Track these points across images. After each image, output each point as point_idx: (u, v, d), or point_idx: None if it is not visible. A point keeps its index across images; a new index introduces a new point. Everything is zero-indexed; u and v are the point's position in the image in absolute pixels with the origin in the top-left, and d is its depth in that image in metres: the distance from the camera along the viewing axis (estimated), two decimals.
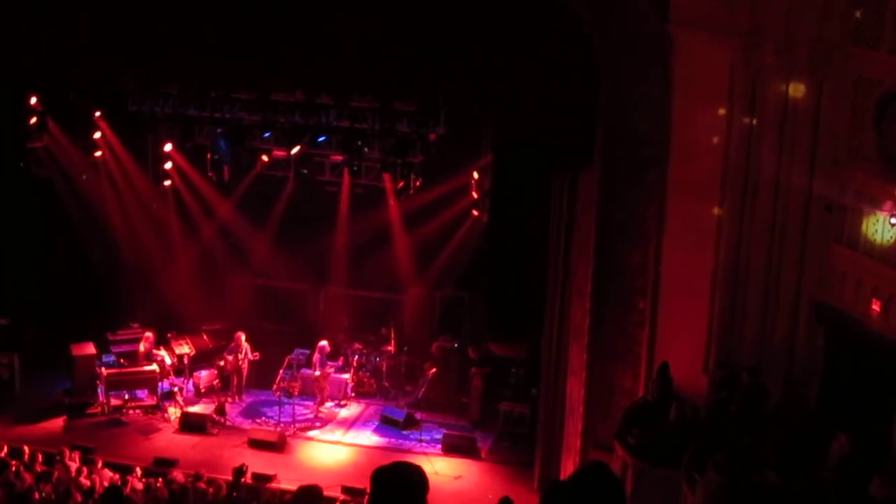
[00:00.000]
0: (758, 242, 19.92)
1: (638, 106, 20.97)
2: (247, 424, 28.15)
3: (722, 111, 19.81)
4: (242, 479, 22.91)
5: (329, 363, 29.36)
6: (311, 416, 28.81)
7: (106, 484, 20.62)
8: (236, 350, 29.33)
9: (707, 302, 20.63)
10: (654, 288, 21.57)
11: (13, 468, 21.56)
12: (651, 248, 21.45)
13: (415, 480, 6.34)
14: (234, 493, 21.21)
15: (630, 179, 21.58)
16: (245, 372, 29.70)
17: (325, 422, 28.57)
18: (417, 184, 29.31)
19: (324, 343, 29.17)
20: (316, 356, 29.03)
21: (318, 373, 28.95)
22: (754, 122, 19.51)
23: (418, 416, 28.29)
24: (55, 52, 25.83)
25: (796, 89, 18.94)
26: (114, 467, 23.22)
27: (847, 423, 16.23)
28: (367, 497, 6.31)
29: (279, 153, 30.36)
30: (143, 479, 22.30)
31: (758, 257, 19.98)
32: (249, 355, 29.51)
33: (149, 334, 29.38)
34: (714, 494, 15.42)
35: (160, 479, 22.21)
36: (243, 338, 29.40)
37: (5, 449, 23.59)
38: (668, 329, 21.54)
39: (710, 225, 20.39)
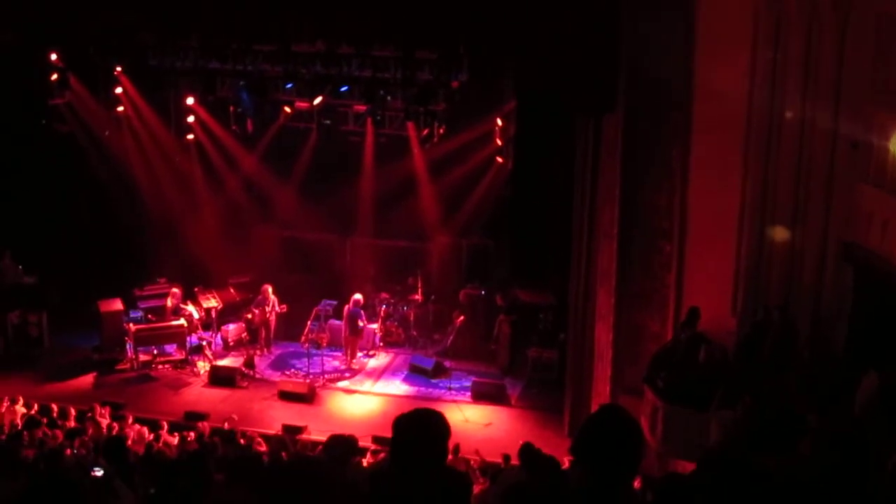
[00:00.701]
0: (784, 183, 19.83)
1: (661, 48, 20.83)
2: (276, 376, 28.19)
3: (745, 51, 19.66)
4: (275, 433, 23.10)
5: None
6: (342, 367, 28.85)
7: (135, 438, 20.67)
8: (263, 303, 29.34)
9: (734, 243, 20.56)
10: (680, 230, 21.50)
11: (44, 424, 21.67)
12: (676, 190, 21.37)
13: (436, 426, 6.31)
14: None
15: (654, 121, 21.47)
16: (273, 324, 29.72)
17: (354, 372, 28.59)
18: (441, 132, 29.16)
19: (358, 296, 29.08)
20: (354, 310, 28.90)
21: (362, 323, 28.87)
22: (778, 61, 19.36)
23: (447, 364, 28.31)
24: (74, 7, 25.72)
25: (819, 27, 18.77)
26: (144, 422, 23.29)
27: (875, 363, 16.14)
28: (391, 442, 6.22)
29: (301, 104, 30.25)
30: (175, 433, 22.37)
31: (784, 198, 19.88)
32: (277, 308, 29.50)
33: (175, 289, 29.44)
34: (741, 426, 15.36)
35: (191, 433, 22.29)
36: (270, 290, 29.38)
37: (35, 407, 23.68)
38: (695, 271, 21.50)
39: (735, 166, 20.32)
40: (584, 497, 5.92)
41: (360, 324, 28.72)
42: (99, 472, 11.03)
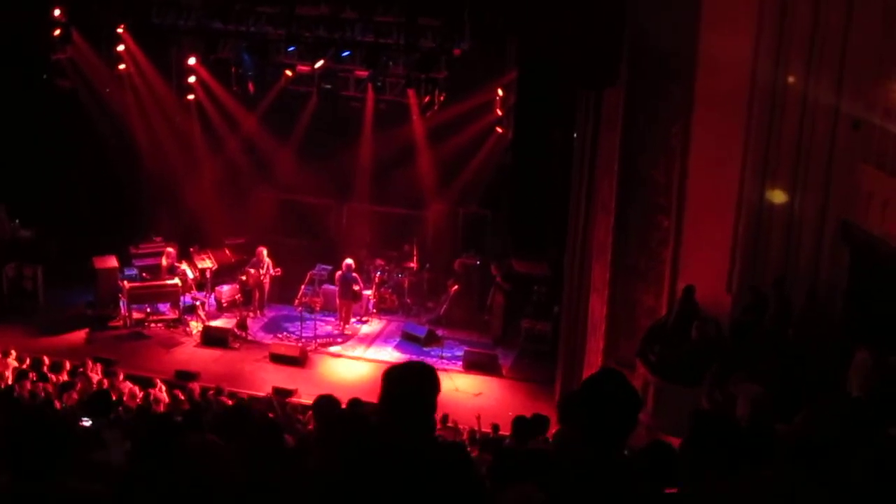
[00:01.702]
0: (784, 160, 19.81)
1: (665, 20, 20.77)
2: (268, 339, 28.20)
3: (750, 24, 19.60)
4: (265, 394, 23.12)
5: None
6: (334, 332, 28.85)
7: (125, 396, 20.65)
8: (258, 265, 29.32)
9: (732, 220, 20.56)
10: (678, 205, 21.49)
11: (33, 379, 21.69)
12: (676, 165, 21.35)
13: (425, 379, 6.27)
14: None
15: (655, 95, 21.43)
16: (267, 287, 29.72)
17: (346, 337, 28.59)
18: (441, 99, 29.11)
19: (349, 261, 29.03)
20: (349, 274, 28.87)
21: (357, 287, 28.87)
22: (783, 35, 19.31)
23: (440, 332, 28.27)
24: None
25: (826, 4, 18.72)
26: (135, 379, 23.31)
27: (871, 341, 16.16)
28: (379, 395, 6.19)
29: (303, 68, 30.15)
30: (167, 391, 22.40)
31: (784, 175, 19.86)
32: (271, 270, 29.52)
33: (171, 248, 29.44)
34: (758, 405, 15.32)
35: (179, 392, 22.30)
36: (265, 252, 29.37)
37: (28, 360, 23.70)
38: (691, 247, 21.50)
39: (736, 142, 20.28)
40: (574, 461, 5.91)
41: (356, 287, 28.71)
42: (87, 422, 11.03)
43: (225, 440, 6.76)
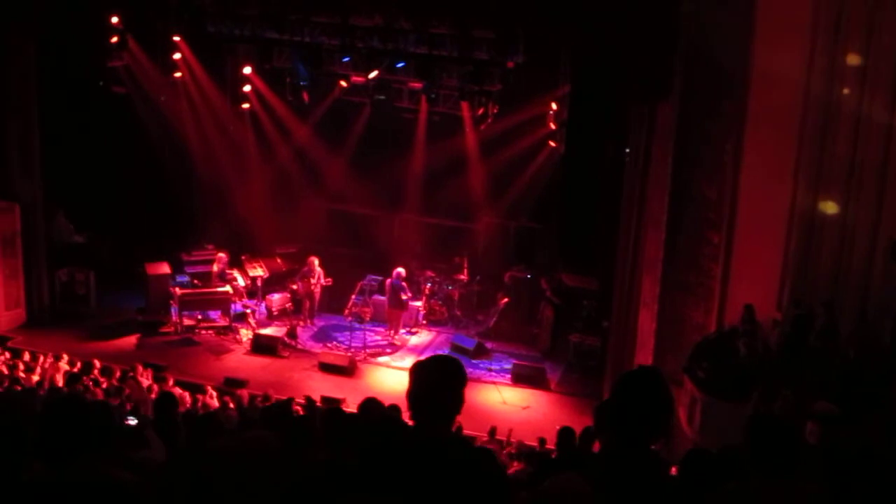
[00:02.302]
0: (836, 177, 19.70)
1: (718, 35, 20.76)
2: (317, 348, 28.19)
3: (804, 40, 19.51)
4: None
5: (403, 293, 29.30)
6: (383, 342, 28.88)
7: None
8: (309, 274, 29.39)
9: (783, 237, 20.46)
10: (729, 221, 21.41)
11: (85, 383, 21.85)
12: (727, 180, 21.28)
13: (452, 372, 6.30)
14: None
15: (708, 110, 21.39)
16: (317, 296, 29.79)
17: (395, 348, 28.61)
18: (494, 112, 29.15)
19: (400, 270, 29.06)
20: (397, 283, 28.88)
21: (405, 296, 28.86)
22: (836, 52, 19.22)
23: (488, 345, 28.30)
24: None
25: (881, 19, 18.61)
26: (184, 385, 23.45)
27: None
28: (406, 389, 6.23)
29: (357, 78, 30.23)
30: (217, 397, 22.54)
31: (836, 192, 19.75)
32: (322, 280, 29.57)
33: (222, 255, 29.54)
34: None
35: (229, 399, 22.42)
36: (316, 262, 29.43)
37: (78, 364, 23.89)
38: (742, 263, 21.42)
39: (788, 158, 20.19)
40: (606, 458, 5.92)
41: (404, 297, 28.72)
42: (132, 421, 11.11)
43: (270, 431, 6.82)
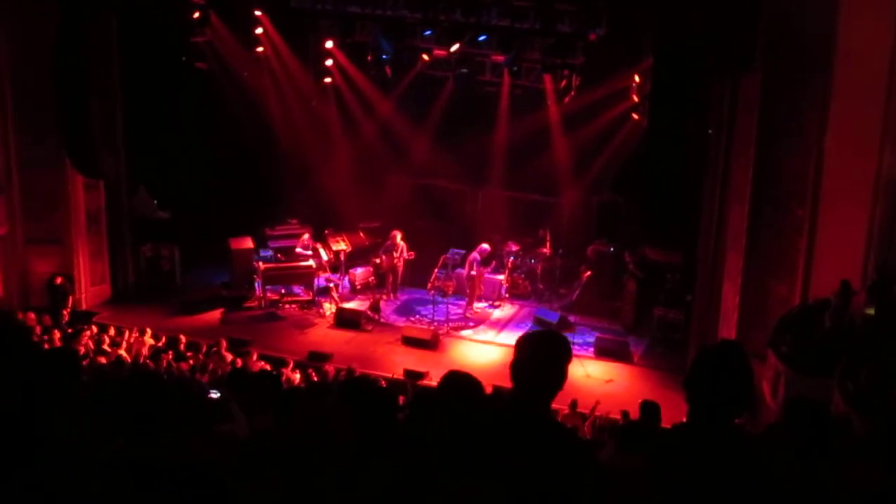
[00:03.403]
0: None
1: (803, 6, 20.48)
2: (401, 322, 28.40)
3: (890, 11, 19.24)
4: (393, 375, 23.26)
5: (483, 267, 29.37)
6: (464, 315, 28.94)
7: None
8: (392, 248, 29.55)
9: (868, 210, 20.18)
10: (813, 195, 21.15)
11: (169, 357, 22.13)
12: (812, 154, 21.01)
13: (559, 347, 6.32)
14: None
15: (792, 83, 21.14)
16: (400, 270, 29.96)
17: (478, 322, 28.69)
18: (576, 84, 29.01)
19: (485, 246, 29.15)
20: (473, 255, 29.01)
21: (474, 272, 28.96)
22: None
23: (571, 318, 28.33)
24: None
25: None
26: (268, 359, 23.65)
27: None
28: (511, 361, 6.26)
29: (439, 52, 30.21)
30: (298, 371, 22.70)
31: None
32: (405, 254, 29.69)
33: (306, 235, 29.74)
34: None
35: (313, 373, 22.60)
36: (399, 236, 29.60)
37: (163, 339, 24.18)
38: (827, 237, 21.14)
39: (873, 130, 19.89)
40: (689, 432, 5.91)
41: (473, 272, 28.90)
42: (216, 394, 11.23)
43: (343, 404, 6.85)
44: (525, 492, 5.70)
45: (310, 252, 29.48)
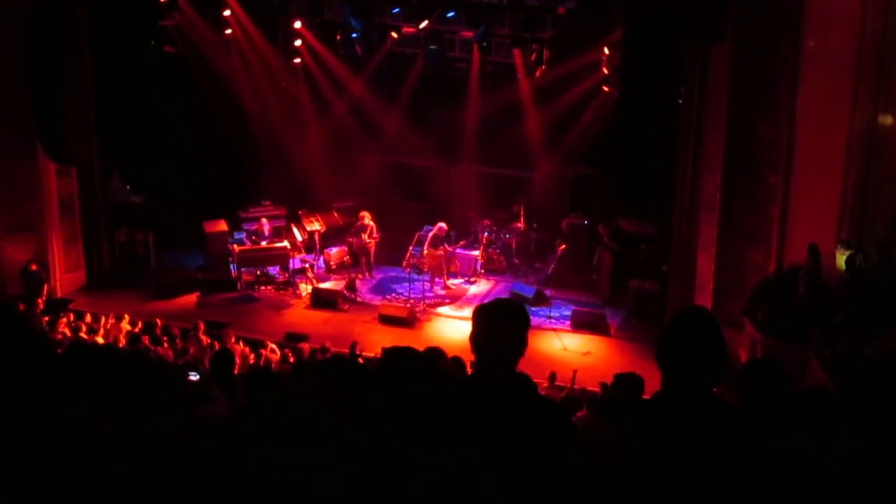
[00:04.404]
0: (894, 115, 19.49)
1: None
2: (377, 301, 28.33)
3: None
4: (374, 356, 23.27)
5: (449, 244, 29.42)
6: (441, 292, 29.01)
7: (238, 359, 20.94)
8: (361, 230, 29.50)
9: (840, 176, 20.26)
10: (786, 163, 21.25)
11: (146, 342, 22.09)
12: (784, 122, 21.10)
13: (515, 315, 6.34)
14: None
15: (763, 51, 21.23)
16: (372, 250, 29.92)
17: (454, 298, 28.70)
18: (547, 58, 29.02)
19: (443, 224, 29.18)
20: (429, 234, 29.04)
21: (426, 251, 28.97)
22: None
23: (548, 292, 28.35)
24: None
25: None
26: (246, 341, 23.63)
27: None
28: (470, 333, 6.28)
29: (409, 29, 30.21)
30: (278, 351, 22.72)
31: (894, 131, 19.54)
32: (374, 234, 29.68)
33: (265, 221, 29.78)
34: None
35: (290, 353, 22.60)
36: (367, 217, 29.59)
37: (140, 324, 24.13)
38: (800, 205, 21.24)
39: (845, 97, 19.96)
40: (662, 401, 5.94)
41: (426, 251, 29.03)
42: (195, 377, 11.23)
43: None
44: (502, 458, 5.71)
45: (266, 238, 29.44)
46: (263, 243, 29.24)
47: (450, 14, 29.01)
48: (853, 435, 6.24)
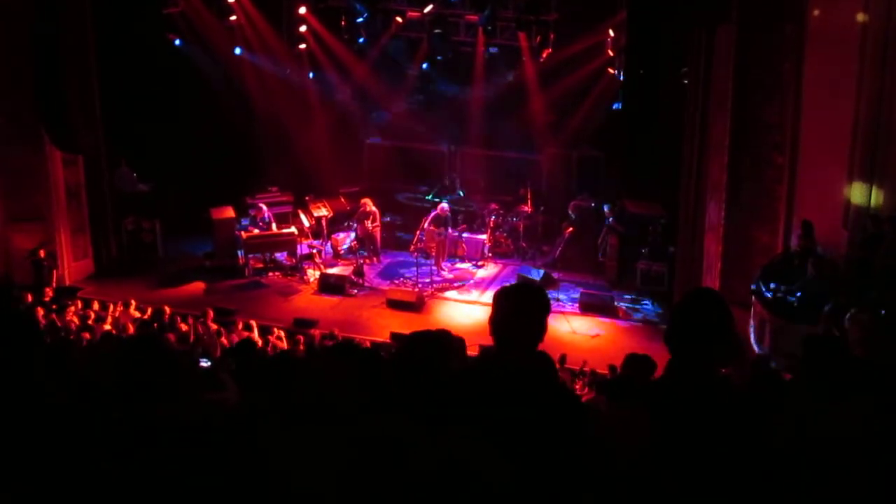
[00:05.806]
0: None
1: None
2: (385, 285, 28.33)
3: None
4: (383, 340, 23.28)
5: (451, 228, 29.43)
6: (449, 276, 29.01)
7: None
8: (364, 217, 29.47)
9: (846, 156, 20.24)
10: (792, 142, 21.26)
11: (155, 328, 22.11)
12: (789, 103, 21.11)
13: (536, 299, 6.32)
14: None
15: (767, 33, 21.22)
16: (377, 236, 29.91)
17: (462, 282, 28.71)
18: (552, 41, 29.02)
19: (444, 205, 29.19)
20: (430, 216, 29.07)
21: (426, 227, 28.89)
22: None
23: (555, 275, 28.31)
24: None
25: None
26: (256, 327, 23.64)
27: None
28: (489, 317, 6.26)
29: (413, 14, 30.21)
30: (285, 337, 22.72)
31: None
32: (378, 220, 29.68)
33: (263, 204, 29.80)
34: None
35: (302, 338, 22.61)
36: (370, 204, 29.56)
37: (149, 311, 24.14)
38: (806, 184, 21.26)
39: (849, 77, 19.93)
40: (672, 383, 5.94)
41: (425, 230, 28.98)
42: (205, 363, 11.25)
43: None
44: (521, 442, 5.71)
45: (264, 223, 29.42)
46: (274, 227, 29.19)
47: None
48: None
